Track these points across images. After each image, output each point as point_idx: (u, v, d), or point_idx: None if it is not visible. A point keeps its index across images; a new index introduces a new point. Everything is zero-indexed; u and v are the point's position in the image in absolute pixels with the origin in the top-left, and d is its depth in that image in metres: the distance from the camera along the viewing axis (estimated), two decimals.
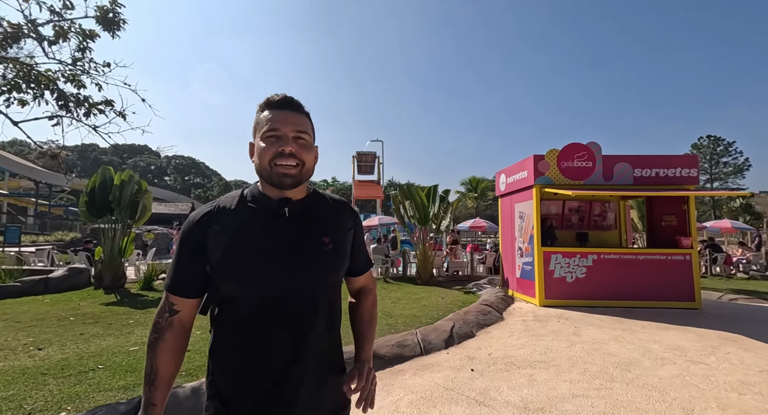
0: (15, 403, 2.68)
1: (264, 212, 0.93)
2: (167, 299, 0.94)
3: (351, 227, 1.03)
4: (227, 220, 0.91)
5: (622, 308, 6.30)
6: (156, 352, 0.91)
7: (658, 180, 6.91)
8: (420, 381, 3.29)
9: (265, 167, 0.91)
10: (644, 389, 3.06)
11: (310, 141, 0.95)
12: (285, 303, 0.89)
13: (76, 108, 4.26)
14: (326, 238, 0.94)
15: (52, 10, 3.60)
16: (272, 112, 0.92)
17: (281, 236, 0.91)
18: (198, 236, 0.91)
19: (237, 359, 0.90)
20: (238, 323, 0.90)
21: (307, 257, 0.91)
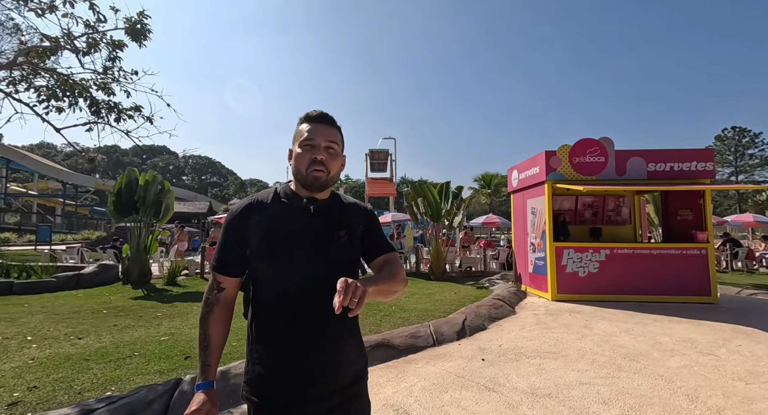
0: (66, 384, 2.97)
1: (294, 207, 1.10)
2: (214, 278, 1.11)
3: (361, 223, 1.19)
4: (264, 212, 1.09)
5: (635, 303, 6.32)
6: (208, 322, 1.09)
7: (672, 174, 6.86)
8: (432, 369, 3.46)
9: (300, 171, 1.08)
10: (651, 378, 3.16)
11: (338, 150, 1.12)
12: (308, 283, 1.04)
13: (107, 114, 4.56)
14: (342, 231, 1.11)
15: (87, 24, 3.88)
16: (310, 125, 1.09)
17: (307, 228, 1.08)
18: (239, 225, 1.09)
19: (270, 329, 1.06)
20: (271, 299, 1.06)
21: (326, 247, 1.08)
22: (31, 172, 30.68)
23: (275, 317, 1.06)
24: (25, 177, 36.06)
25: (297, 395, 1.04)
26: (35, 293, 7.32)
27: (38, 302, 6.53)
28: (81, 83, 4.46)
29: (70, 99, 4.43)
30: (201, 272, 9.71)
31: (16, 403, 2.65)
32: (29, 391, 2.85)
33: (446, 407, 2.71)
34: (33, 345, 4.08)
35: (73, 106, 4.45)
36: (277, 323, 1.06)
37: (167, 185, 9.21)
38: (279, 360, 1.05)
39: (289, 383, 1.03)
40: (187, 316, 5.53)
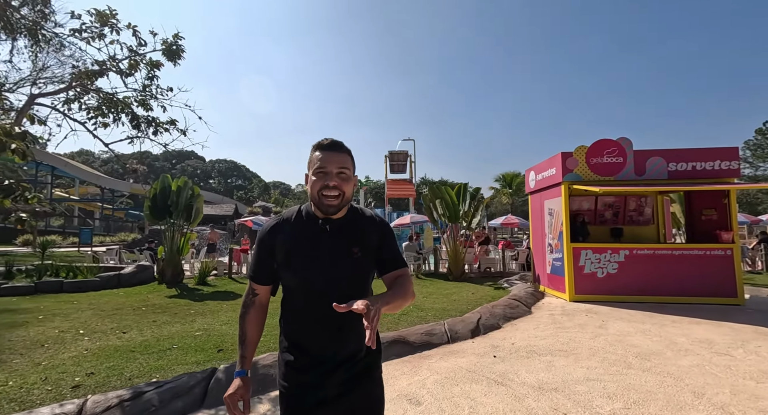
0: (117, 371, 3.36)
1: (312, 226, 1.26)
2: (250, 285, 1.33)
3: (375, 238, 1.29)
4: (287, 230, 1.27)
5: (656, 304, 6.26)
6: (245, 321, 1.31)
7: (695, 174, 6.74)
8: (445, 364, 3.66)
9: (314, 196, 1.22)
10: (659, 376, 3.24)
11: (349, 174, 1.24)
12: (324, 293, 1.19)
13: (146, 128, 5.00)
14: (355, 248, 1.24)
15: (130, 49, 4.32)
16: (321, 153, 1.22)
17: (323, 246, 1.24)
18: (268, 242, 1.27)
19: (295, 330, 1.27)
20: (296, 305, 1.25)
21: (339, 262, 1.22)
22: (73, 178, 32.77)
23: (297, 318, 1.26)
24: (68, 183, 38.55)
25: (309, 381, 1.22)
26: (82, 292, 7.97)
27: (85, 299, 7.13)
28: (123, 100, 4.93)
29: (115, 115, 4.90)
30: (229, 272, 10.23)
31: (78, 386, 3.05)
32: (87, 376, 3.25)
33: (456, 398, 2.91)
34: (85, 338, 4.54)
35: (117, 121, 4.92)
36: (298, 323, 1.26)
37: (197, 190, 9.77)
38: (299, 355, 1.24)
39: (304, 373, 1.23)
40: (217, 314, 5.93)
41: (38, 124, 3.74)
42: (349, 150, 1.28)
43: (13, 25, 3.00)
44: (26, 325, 5.16)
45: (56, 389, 2.98)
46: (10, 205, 2.51)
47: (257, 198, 58.23)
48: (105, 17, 3.92)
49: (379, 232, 1.31)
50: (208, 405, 2.82)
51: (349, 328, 1.23)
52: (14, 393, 2.92)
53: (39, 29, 3.37)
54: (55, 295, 7.62)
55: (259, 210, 27.92)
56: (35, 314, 5.79)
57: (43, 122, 3.88)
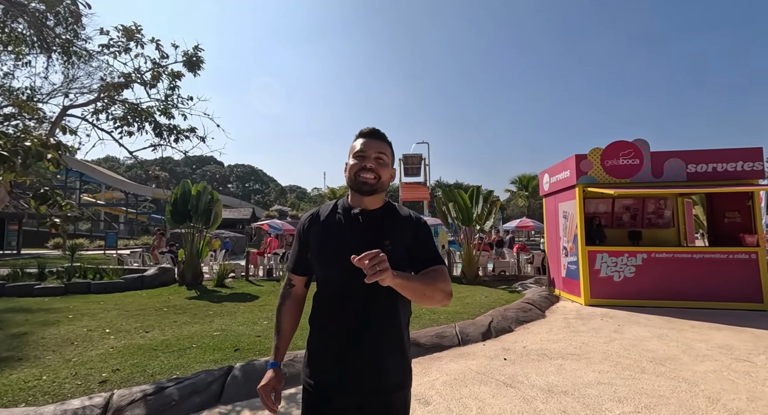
0: (140, 368, 3.54)
1: (346, 218, 1.24)
2: (287, 277, 1.36)
3: (410, 232, 1.25)
4: (321, 223, 1.27)
5: (675, 309, 6.11)
6: (281, 313, 1.33)
7: (715, 175, 6.56)
8: (455, 366, 3.69)
9: (351, 178, 1.22)
10: (673, 381, 3.19)
11: (387, 161, 1.24)
12: (352, 285, 1.15)
13: (168, 136, 5.24)
14: (387, 241, 1.18)
15: (154, 61, 4.57)
16: (363, 139, 1.25)
17: (354, 237, 1.20)
18: (304, 233, 1.29)
19: (318, 323, 1.24)
20: (326, 297, 1.23)
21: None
22: (99, 183, 34.16)
23: (323, 312, 1.23)
24: (95, 188, 40.19)
25: (331, 383, 1.18)
26: (108, 293, 8.33)
27: (111, 300, 7.46)
28: (147, 110, 5.19)
29: (139, 124, 5.16)
30: (246, 274, 10.48)
31: (105, 381, 3.23)
32: (113, 372, 3.44)
33: (464, 399, 2.94)
34: (111, 337, 4.78)
35: (141, 129, 5.18)
36: (324, 317, 1.23)
37: (216, 195, 10.06)
38: (321, 351, 1.23)
39: (326, 372, 1.20)
40: (234, 315, 6.11)
41: (70, 134, 3.99)
42: (389, 141, 1.29)
43: (48, 44, 3.26)
44: (58, 324, 5.45)
45: (85, 384, 3.17)
46: (45, 211, 2.71)
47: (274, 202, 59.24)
48: (131, 33, 4.17)
49: (414, 228, 1.27)
50: (224, 401, 2.95)
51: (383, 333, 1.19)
52: (47, 387, 3.13)
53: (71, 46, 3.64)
54: (84, 295, 7.99)
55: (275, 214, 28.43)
56: (66, 314, 6.10)
57: (74, 132, 4.14)
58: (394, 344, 1.21)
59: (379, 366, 1.17)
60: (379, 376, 1.17)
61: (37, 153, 2.38)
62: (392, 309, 1.21)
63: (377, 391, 1.16)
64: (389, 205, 1.30)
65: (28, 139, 2.47)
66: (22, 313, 6.21)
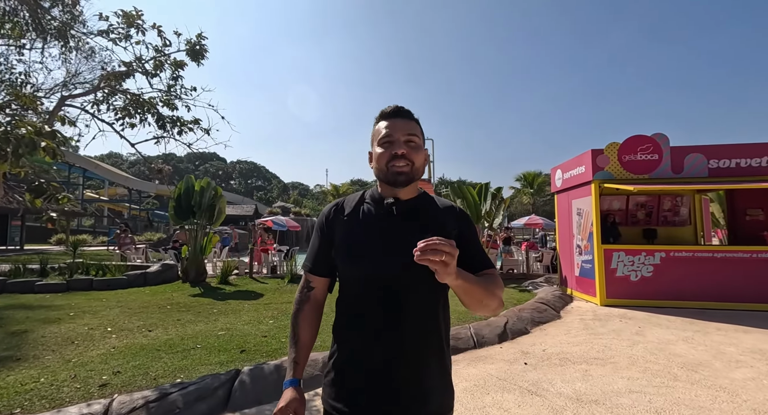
0: (142, 370, 3.37)
1: (377, 208, 1.06)
2: (305, 278, 1.13)
3: (454, 228, 1.05)
4: (347, 213, 1.08)
5: (696, 310, 5.89)
6: (298, 320, 1.09)
7: (738, 171, 6.31)
8: (473, 371, 3.49)
9: (382, 169, 1.03)
10: (711, 390, 2.98)
11: (419, 143, 1.05)
12: (388, 291, 0.97)
13: (171, 128, 5.05)
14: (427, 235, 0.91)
15: (156, 49, 4.36)
16: (387, 121, 1.04)
17: (386, 229, 1.02)
18: (326, 226, 1.09)
19: (347, 335, 1.03)
20: (351, 302, 1.04)
21: (408, 249, 0.88)
22: (102, 179, 34.12)
23: (351, 321, 1.03)
24: (98, 184, 40.20)
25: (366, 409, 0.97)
26: (110, 290, 8.18)
27: (114, 297, 7.31)
28: (150, 101, 4.99)
29: (141, 115, 4.96)
30: (250, 271, 10.32)
31: (105, 385, 3.05)
32: (114, 375, 3.26)
33: (488, 408, 2.75)
34: (113, 336, 4.61)
35: (143, 121, 4.99)
36: (353, 327, 1.02)
37: (219, 191, 9.89)
38: (351, 369, 1.01)
39: (357, 397, 0.98)
40: (239, 313, 5.94)
41: (68, 124, 3.81)
42: (416, 118, 1.09)
43: (44, 26, 3.07)
44: (59, 321, 5.30)
45: (84, 388, 2.99)
46: (42, 205, 2.52)
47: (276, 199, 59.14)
48: (131, 18, 3.96)
49: (459, 222, 1.08)
50: (231, 408, 2.77)
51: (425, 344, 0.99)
52: (45, 390, 2.96)
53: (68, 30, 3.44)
54: (86, 292, 7.85)
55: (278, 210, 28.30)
56: (67, 311, 5.95)
57: (72, 123, 3.95)
58: (439, 360, 1.02)
59: (424, 387, 0.98)
60: (424, 400, 0.97)
61: (30, 142, 2.19)
62: (436, 316, 1.02)
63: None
64: (426, 195, 1.12)
65: (21, 126, 2.27)
66: (22, 310, 6.07)
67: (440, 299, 1.04)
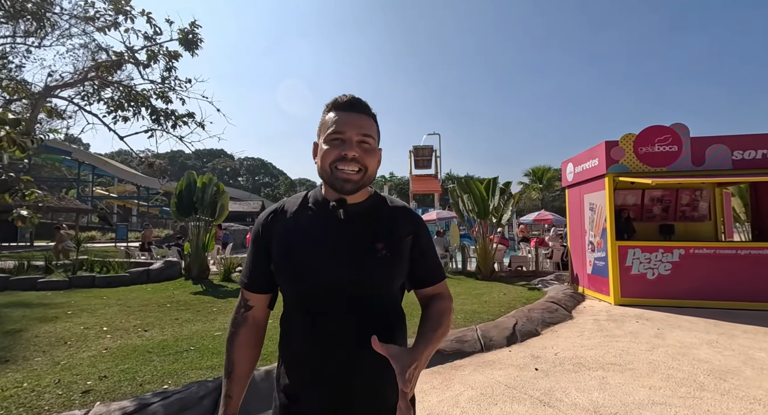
0: (130, 375, 3.20)
1: (321, 214, 0.94)
2: (242, 295, 1.00)
3: (408, 234, 0.96)
4: (288, 221, 0.95)
5: (718, 310, 5.55)
6: (233, 345, 0.96)
7: (765, 162, 5.91)
8: (480, 378, 3.26)
9: (326, 170, 0.89)
10: (744, 402, 2.70)
11: (374, 145, 0.92)
12: (337, 304, 0.89)
13: (165, 121, 4.86)
14: (380, 244, 0.90)
15: (146, 36, 4.16)
16: (338, 114, 0.89)
17: (336, 239, 0.90)
18: (264, 236, 0.95)
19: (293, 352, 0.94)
20: (295, 319, 0.93)
21: (359, 261, 0.89)
22: (112, 176, 34.42)
23: (299, 339, 0.93)
24: (107, 181, 40.62)
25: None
26: (112, 287, 8.11)
27: (115, 295, 7.22)
28: (143, 93, 4.80)
29: (134, 108, 4.78)
30: None
31: (88, 391, 2.89)
32: (100, 380, 3.10)
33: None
34: (107, 336, 4.48)
35: (136, 114, 4.81)
36: (301, 347, 0.92)
37: (222, 187, 9.75)
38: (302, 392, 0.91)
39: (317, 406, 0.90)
40: None
41: (56, 117, 3.63)
42: (374, 114, 0.95)
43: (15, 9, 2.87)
44: (55, 320, 5.20)
45: (66, 394, 2.83)
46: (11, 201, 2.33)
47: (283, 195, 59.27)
48: (119, 4, 3.76)
49: (413, 227, 0.97)
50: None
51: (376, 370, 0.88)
52: (25, 396, 2.81)
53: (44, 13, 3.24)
54: (87, 290, 7.78)
55: None
56: (65, 310, 5.86)
57: (61, 115, 3.77)
58: None
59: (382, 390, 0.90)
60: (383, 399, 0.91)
61: None
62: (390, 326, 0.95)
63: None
64: (377, 197, 0.99)
65: None
66: (21, 308, 5.99)
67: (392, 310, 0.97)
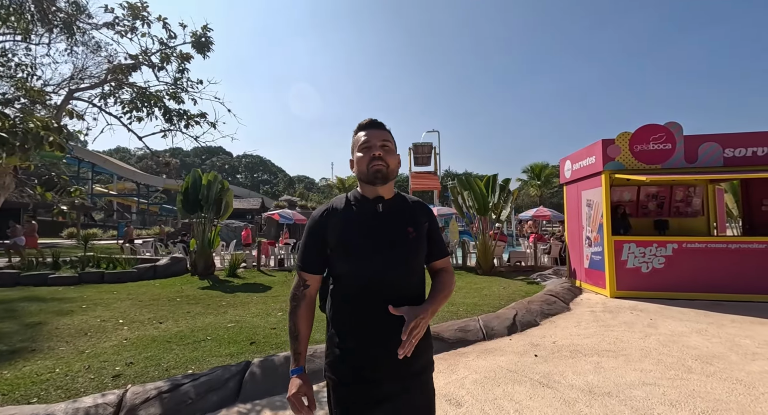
0: (155, 361, 3.40)
1: (364, 208, 1.24)
2: (300, 277, 1.26)
3: (426, 221, 1.29)
4: (339, 215, 1.24)
5: (709, 302, 5.79)
6: (296, 316, 1.24)
7: (755, 160, 6.14)
8: (483, 363, 3.48)
9: (363, 170, 1.22)
10: (727, 383, 2.93)
11: (392, 147, 1.26)
12: (382, 276, 1.17)
13: (178, 121, 5.03)
14: (410, 228, 1.23)
15: (161, 41, 4.32)
16: (364, 131, 1.25)
17: (378, 227, 1.21)
18: (320, 228, 1.24)
19: (348, 318, 1.20)
20: (349, 291, 1.21)
21: (396, 242, 1.20)
22: (111, 174, 34.46)
23: (352, 307, 1.20)
24: (107, 179, 40.61)
25: (370, 375, 1.16)
26: (121, 282, 8.30)
27: (124, 290, 7.41)
28: (156, 94, 4.97)
29: (148, 109, 4.95)
30: (257, 264, 10.39)
31: (118, 375, 3.09)
32: (127, 366, 3.30)
33: (499, 400, 2.73)
34: (125, 327, 4.67)
35: (150, 115, 4.98)
36: (354, 312, 1.20)
37: (226, 184, 9.91)
38: (355, 345, 1.18)
39: (364, 366, 1.17)
40: (248, 305, 5.98)
41: (76, 118, 3.80)
42: (388, 129, 1.30)
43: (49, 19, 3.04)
44: (71, 313, 5.38)
45: (98, 378, 3.03)
46: (52, 199, 2.52)
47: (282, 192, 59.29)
48: (137, 10, 3.92)
49: (428, 216, 1.32)
50: (243, 399, 2.78)
51: None
52: (60, 380, 3.00)
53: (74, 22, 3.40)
54: (97, 285, 7.97)
55: (284, 204, 28.41)
56: (79, 304, 6.04)
57: (80, 117, 3.94)
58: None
59: (419, 350, 1.16)
60: (419, 358, 1.19)
61: (37, 136, 2.17)
62: (421, 294, 1.26)
63: (418, 372, 1.21)
64: (400, 195, 1.33)
65: (29, 120, 2.26)
66: (36, 302, 6.18)
67: (421, 280, 1.27)
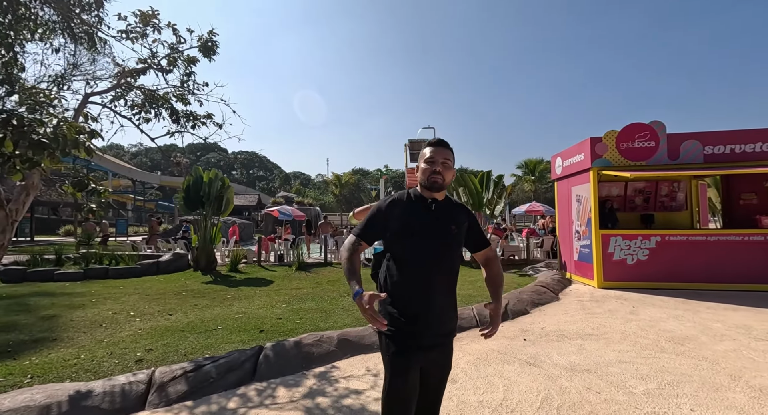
0: (172, 348, 3.66)
1: (421, 204, 1.61)
2: (357, 240, 1.61)
3: (465, 221, 1.67)
4: (401, 206, 1.61)
5: (689, 291, 6.16)
6: (353, 261, 1.57)
7: (733, 156, 6.49)
8: (476, 346, 3.78)
9: (424, 179, 1.60)
10: (694, 360, 3.26)
11: (450, 164, 1.61)
12: (431, 259, 1.55)
13: (185, 122, 5.25)
14: (453, 225, 1.60)
15: (171, 46, 4.53)
16: (431, 148, 1.62)
17: (430, 220, 1.58)
18: (385, 214, 1.60)
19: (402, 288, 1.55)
20: (404, 268, 1.56)
21: (443, 234, 1.58)
22: (106, 171, 34.34)
23: (406, 279, 1.56)
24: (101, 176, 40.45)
25: (415, 329, 1.51)
26: (125, 278, 8.50)
27: (130, 284, 7.63)
28: (164, 96, 5.18)
29: (156, 110, 5.16)
30: (258, 260, 10.63)
31: (141, 360, 3.35)
32: (147, 352, 3.56)
33: (490, 377, 3.03)
34: (137, 319, 4.91)
35: (158, 116, 5.19)
36: (408, 283, 1.55)
37: (227, 181, 10.10)
38: (408, 307, 1.54)
39: (411, 322, 1.52)
40: (252, 299, 6.23)
41: (92, 121, 4.01)
42: (451, 147, 1.66)
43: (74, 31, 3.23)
44: (83, 307, 5.61)
45: (122, 362, 3.29)
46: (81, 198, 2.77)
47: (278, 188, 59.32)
48: (147, 17, 4.12)
49: (468, 217, 1.69)
50: (258, 378, 3.06)
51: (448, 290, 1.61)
52: (87, 365, 3.25)
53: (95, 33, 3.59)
54: (102, 281, 8.17)
55: (281, 200, 28.58)
56: (88, 298, 6.26)
57: (95, 119, 4.16)
58: (454, 299, 1.66)
59: (451, 314, 1.62)
60: (450, 322, 1.61)
61: (74, 141, 2.42)
62: (457, 272, 1.66)
63: (448, 333, 1.61)
64: (448, 198, 1.69)
65: (64, 126, 2.50)
66: (46, 297, 6.38)
67: (458, 262, 1.65)
